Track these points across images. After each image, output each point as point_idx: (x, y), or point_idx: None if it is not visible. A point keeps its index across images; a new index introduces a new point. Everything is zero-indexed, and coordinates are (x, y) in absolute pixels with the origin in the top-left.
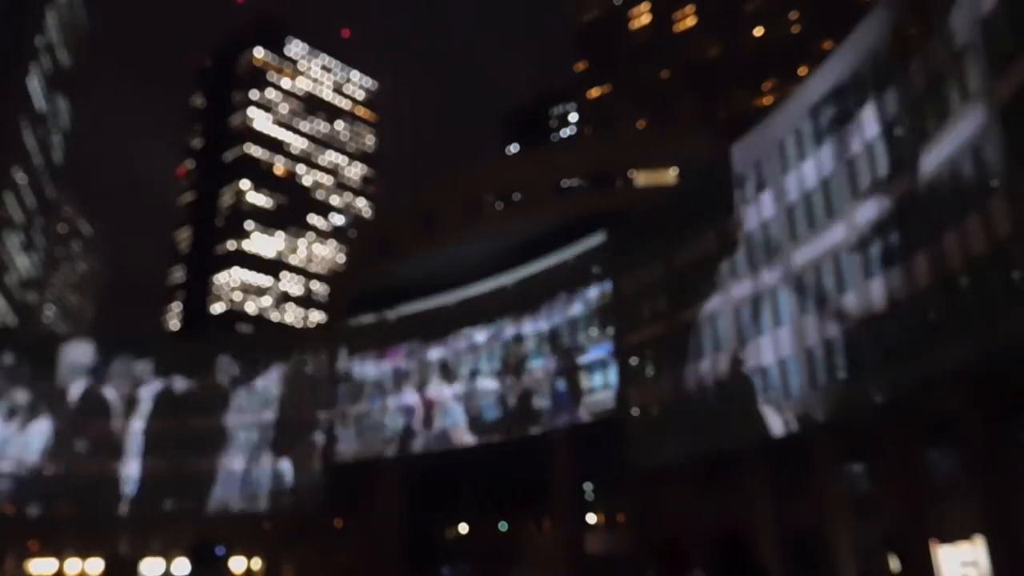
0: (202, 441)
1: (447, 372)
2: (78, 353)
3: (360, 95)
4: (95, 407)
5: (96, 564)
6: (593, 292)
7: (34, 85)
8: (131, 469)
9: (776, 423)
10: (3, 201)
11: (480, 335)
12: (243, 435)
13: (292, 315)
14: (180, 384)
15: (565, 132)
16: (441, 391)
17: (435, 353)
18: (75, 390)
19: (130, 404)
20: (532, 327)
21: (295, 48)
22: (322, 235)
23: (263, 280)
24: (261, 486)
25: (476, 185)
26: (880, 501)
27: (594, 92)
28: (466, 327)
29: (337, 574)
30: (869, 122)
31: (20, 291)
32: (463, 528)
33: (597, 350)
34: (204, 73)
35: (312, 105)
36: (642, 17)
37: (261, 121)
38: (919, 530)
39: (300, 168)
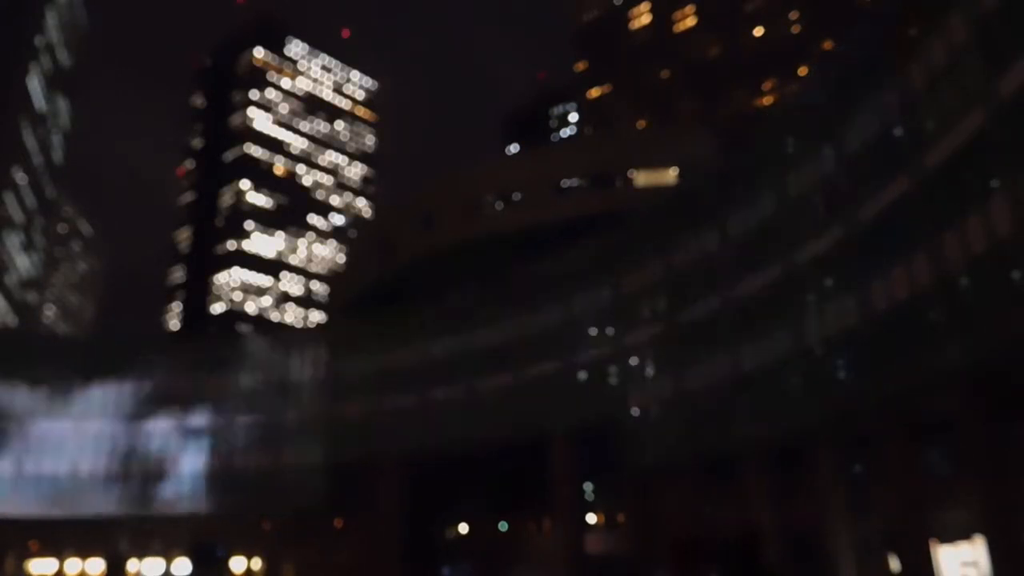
0: (193, 440)
1: (444, 372)
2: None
3: (360, 95)
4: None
5: (96, 564)
6: (593, 292)
7: (34, 85)
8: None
9: (776, 423)
10: (3, 201)
11: (479, 335)
12: (241, 435)
13: (292, 315)
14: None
15: (565, 132)
16: (440, 391)
17: (433, 354)
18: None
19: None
20: (531, 327)
21: (295, 48)
22: (322, 235)
23: (263, 280)
24: (260, 486)
25: (476, 185)
26: (880, 501)
27: (594, 92)
28: (465, 327)
29: (337, 574)
30: (869, 123)
31: (20, 291)
32: (463, 528)
33: (595, 350)
34: (204, 73)
35: (312, 105)
36: (642, 17)
37: (261, 121)
38: (919, 530)
39: (300, 168)
